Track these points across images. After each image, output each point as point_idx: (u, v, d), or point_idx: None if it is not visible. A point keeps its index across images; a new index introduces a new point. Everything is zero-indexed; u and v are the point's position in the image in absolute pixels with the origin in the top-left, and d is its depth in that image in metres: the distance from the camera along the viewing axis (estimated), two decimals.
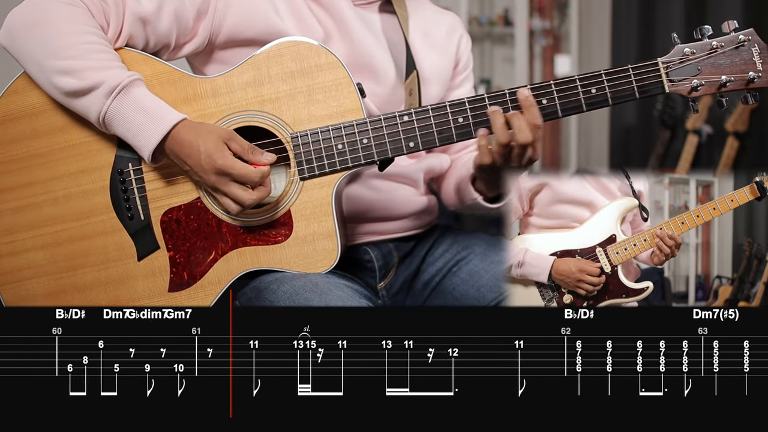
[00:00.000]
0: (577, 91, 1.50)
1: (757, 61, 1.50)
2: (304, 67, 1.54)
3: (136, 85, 1.49)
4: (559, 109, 1.51)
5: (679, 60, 1.51)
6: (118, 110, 1.48)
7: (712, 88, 1.51)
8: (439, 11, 1.85)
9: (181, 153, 1.49)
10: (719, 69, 1.50)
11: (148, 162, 1.51)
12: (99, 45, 1.50)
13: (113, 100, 1.47)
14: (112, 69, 1.49)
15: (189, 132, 1.48)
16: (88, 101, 1.48)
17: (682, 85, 1.51)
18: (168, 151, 1.50)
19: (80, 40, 1.49)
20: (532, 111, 1.48)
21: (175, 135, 1.48)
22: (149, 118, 1.48)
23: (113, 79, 1.47)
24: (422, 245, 1.78)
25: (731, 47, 1.50)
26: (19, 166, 1.57)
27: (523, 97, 1.49)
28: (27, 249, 1.57)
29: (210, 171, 1.47)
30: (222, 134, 1.48)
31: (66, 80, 1.48)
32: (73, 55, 1.48)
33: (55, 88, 1.50)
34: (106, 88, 1.47)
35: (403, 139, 1.52)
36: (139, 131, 1.48)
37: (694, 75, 1.50)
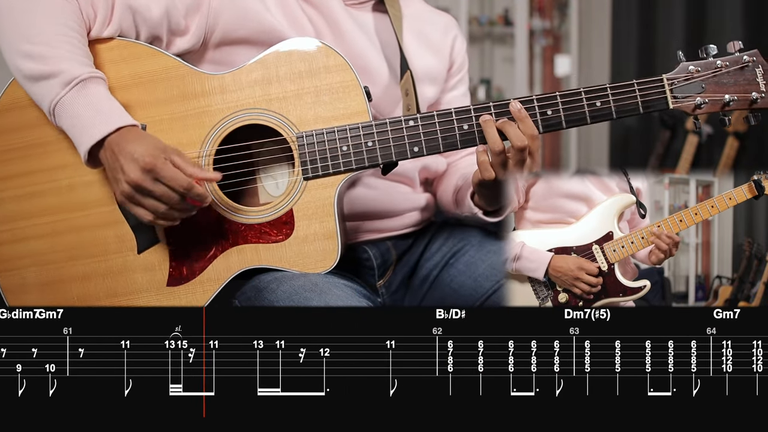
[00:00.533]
0: (582, 104, 1.51)
1: (761, 81, 1.52)
2: (313, 68, 1.54)
3: (94, 82, 1.48)
4: (563, 120, 1.52)
5: (684, 78, 1.52)
6: (70, 103, 1.46)
7: (716, 106, 1.52)
8: (434, 12, 1.85)
9: (111, 157, 1.44)
10: (723, 88, 1.52)
11: (84, 161, 1.47)
12: (69, 37, 1.49)
13: (68, 91, 1.46)
14: (76, 62, 1.47)
15: (132, 141, 1.43)
16: (44, 88, 1.47)
17: (686, 103, 1.52)
18: (106, 154, 1.45)
19: (53, 30, 1.48)
20: (526, 123, 1.50)
21: (117, 139, 1.44)
22: (97, 117, 1.45)
23: (73, 70, 1.46)
24: (420, 242, 1.79)
25: (735, 67, 1.52)
26: (21, 155, 1.57)
27: (515, 110, 1.50)
28: (27, 237, 1.57)
29: (132, 171, 1.41)
30: (163, 145, 1.44)
31: (28, 64, 1.47)
32: (42, 41, 1.47)
33: (17, 70, 1.50)
34: (64, 78, 1.46)
35: (408, 143, 1.53)
36: (84, 127, 1.45)
37: (698, 93, 1.52)
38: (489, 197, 1.63)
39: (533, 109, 1.52)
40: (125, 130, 1.45)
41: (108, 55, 1.56)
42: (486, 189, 1.59)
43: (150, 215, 1.45)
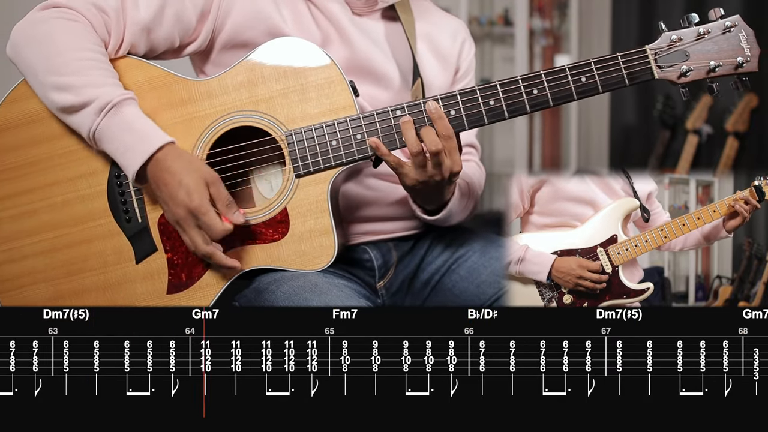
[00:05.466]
0: (567, 80, 1.51)
1: (745, 46, 1.51)
2: (297, 67, 1.54)
3: (127, 104, 1.50)
4: (550, 98, 1.51)
5: (667, 46, 1.52)
6: (108, 128, 1.49)
7: (702, 73, 1.51)
8: (445, 16, 1.85)
9: (160, 179, 1.49)
10: (707, 54, 1.51)
11: (132, 183, 1.52)
12: (95, 62, 1.52)
13: (103, 117, 1.49)
14: (106, 87, 1.50)
15: (175, 161, 1.49)
16: (80, 117, 1.50)
17: (671, 71, 1.51)
18: (149, 174, 1.50)
19: (77, 56, 1.51)
20: (440, 123, 1.50)
21: (161, 159, 1.49)
22: (136, 137, 1.49)
23: (105, 96, 1.49)
24: (421, 244, 1.78)
25: (718, 33, 1.52)
26: (17, 174, 1.58)
27: (431, 109, 1.51)
28: (25, 256, 1.58)
29: (181, 206, 1.48)
30: (206, 175, 1.49)
31: (60, 96, 1.50)
32: (69, 71, 1.50)
33: (51, 103, 1.52)
34: (96, 106, 1.48)
35: (396, 134, 1.53)
36: (126, 150, 1.49)
37: (683, 61, 1.51)
38: (421, 197, 1.62)
39: (518, 89, 1.51)
40: (166, 149, 1.49)
41: None
42: (412, 191, 1.58)
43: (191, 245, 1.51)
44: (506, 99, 1.52)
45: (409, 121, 1.51)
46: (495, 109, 1.52)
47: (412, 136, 1.50)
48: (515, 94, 1.52)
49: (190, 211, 1.47)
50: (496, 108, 1.52)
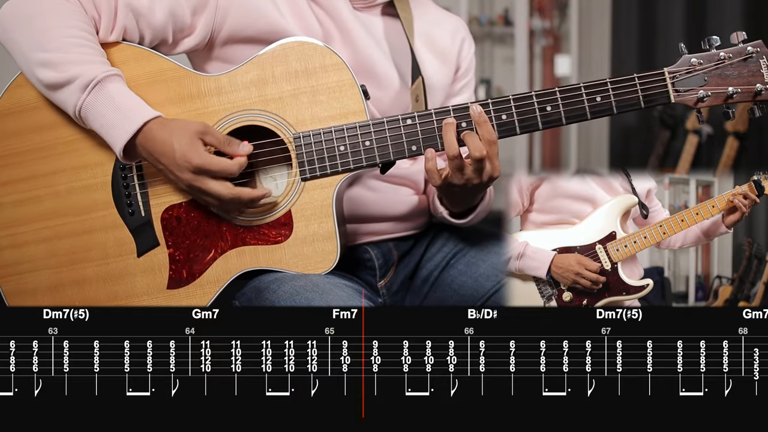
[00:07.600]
0: (582, 99, 1.49)
1: (765, 73, 1.48)
2: (309, 68, 1.53)
3: (111, 81, 1.49)
4: (563, 116, 1.50)
5: (686, 70, 1.49)
6: (93, 105, 1.48)
7: (719, 99, 1.49)
8: (444, 14, 1.83)
9: (154, 151, 1.48)
10: (726, 80, 1.48)
11: (120, 159, 1.50)
12: (82, 39, 1.50)
13: (88, 94, 1.47)
14: (91, 64, 1.49)
15: (162, 130, 1.47)
16: (65, 94, 1.49)
17: (688, 96, 1.49)
18: (140, 149, 1.49)
19: (64, 34, 1.49)
20: (485, 128, 1.48)
21: (146, 132, 1.48)
22: (121, 114, 1.47)
23: (89, 73, 1.47)
24: (421, 242, 1.78)
25: (739, 59, 1.48)
26: (20, 160, 1.57)
27: (475, 114, 1.49)
28: (27, 242, 1.57)
29: (186, 169, 1.47)
30: (196, 129, 1.48)
31: (46, 72, 1.48)
32: (55, 48, 1.48)
33: (37, 80, 1.51)
34: (81, 82, 1.47)
35: (406, 142, 1.52)
36: (111, 127, 1.48)
37: (701, 86, 1.48)
38: (452, 199, 1.62)
39: (532, 105, 1.50)
40: (151, 124, 1.47)
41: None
42: (445, 192, 1.58)
43: (216, 202, 1.50)
44: (519, 114, 1.51)
45: (452, 123, 1.49)
46: (507, 124, 1.51)
47: (452, 138, 1.49)
48: (528, 109, 1.50)
49: (195, 169, 1.46)
50: (508, 123, 1.51)
